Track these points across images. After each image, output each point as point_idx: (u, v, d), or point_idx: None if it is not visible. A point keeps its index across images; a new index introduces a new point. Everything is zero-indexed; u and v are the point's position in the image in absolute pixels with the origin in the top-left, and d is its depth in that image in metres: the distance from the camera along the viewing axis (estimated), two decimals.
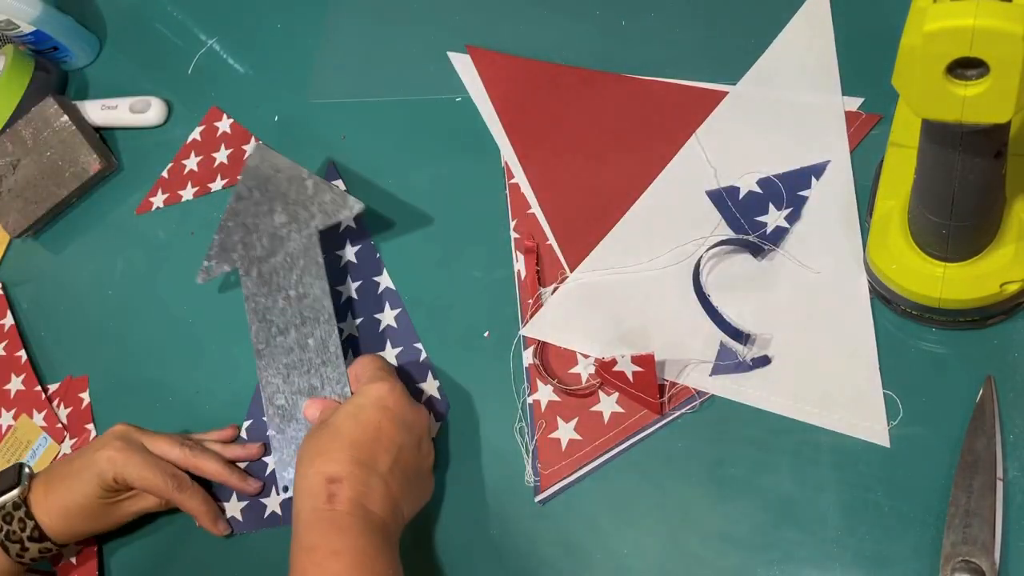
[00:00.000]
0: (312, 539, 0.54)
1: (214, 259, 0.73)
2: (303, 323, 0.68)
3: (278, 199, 0.71)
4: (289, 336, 0.69)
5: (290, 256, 0.70)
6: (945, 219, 0.49)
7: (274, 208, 0.71)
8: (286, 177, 0.72)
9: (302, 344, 0.68)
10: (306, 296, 0.69)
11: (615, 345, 0.63)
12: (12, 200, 0.86)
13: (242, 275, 0.72)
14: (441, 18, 0.81)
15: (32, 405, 0.79)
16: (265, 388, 0.69)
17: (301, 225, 0.70)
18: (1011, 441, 0.53)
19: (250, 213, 0.72)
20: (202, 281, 0.74)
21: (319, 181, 0.71)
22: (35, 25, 0.90)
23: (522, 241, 0.69)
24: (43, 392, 0.80)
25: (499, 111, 0.74)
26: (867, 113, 0.64)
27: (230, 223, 0.73)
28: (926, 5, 0.38)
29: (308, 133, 0.81)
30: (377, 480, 0.56)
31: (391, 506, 0.57)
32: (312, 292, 0.68)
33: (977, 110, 0.40)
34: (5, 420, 0.80)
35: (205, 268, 0.73)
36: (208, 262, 0.73)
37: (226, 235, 0.73)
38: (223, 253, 0.73)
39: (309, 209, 0.70)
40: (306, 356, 0.68)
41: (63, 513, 0.65)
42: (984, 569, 0.49)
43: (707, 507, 0.57)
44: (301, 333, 0.68)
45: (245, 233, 0.72)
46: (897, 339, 0.57)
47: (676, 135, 0.68)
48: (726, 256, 0.63)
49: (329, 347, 0.67)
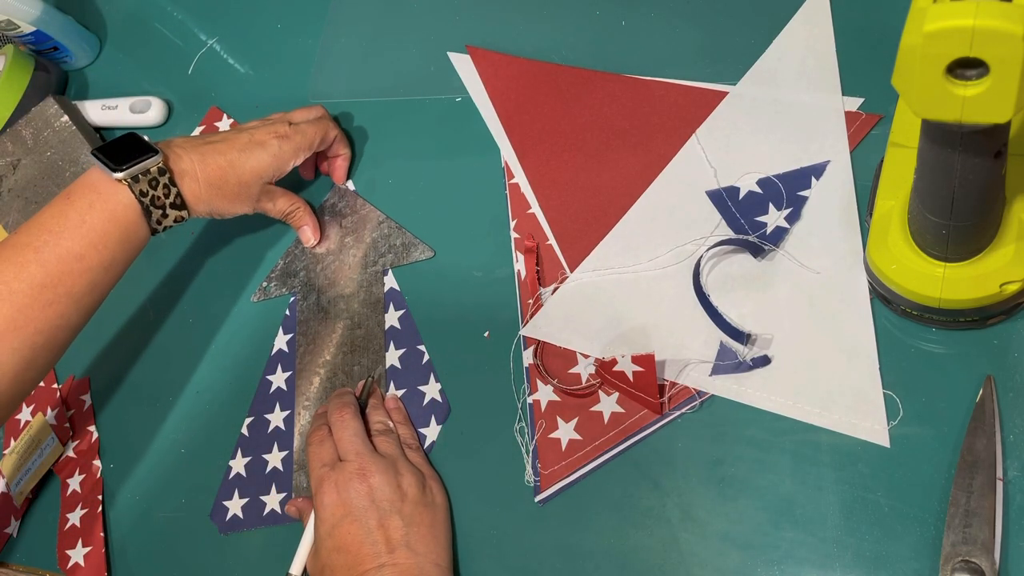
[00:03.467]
0: None
1: (274, 282, 0.76)
2: (352, 351, 0.71)
3: (351, 236, 0.75)
4: (336, 360, 0.71)
5: (351, 288, 0.73)
6: (945, 219, 0.49)
7: (345, 244, 0.74)
8: (362, 217, 0.75)
9: (347, 371, 0.70)
10: (359, 327, 0.71)
11: (615, 345, 0.63)
12: (12, 200, 0.86)
13: (299, 300, 0.74)
14: (441, 18, 0.81)
15: (48, 403, 0.80)
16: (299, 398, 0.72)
17: (369, 263, 0.73)
18: (1011, 441, 0.53)
19: (321, 246, 0.76)
20: (256, 300, 0.76)
21: (393, 225, 0.74)
22: (35, 25, 0.90)
23: (522, 241, 0.69)
24: (58, 391, 0.80)
25: (499, 111, 0.74)
26: (867, 113, 0.64)
27: (297, 250, 0.76)
28: (926, 5, 0.38)
29: None
30: (383, 572, 0.57)
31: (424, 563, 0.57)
32: (366, 324, 0.71)
33: (977, 110, 0.40)
34: (23, 415, 0.80)
35: (263, 288, 0.77)
36: (267, 283, 0.77)
37: (291, 261, 0.76)
38: (284, 278, 0.76)
39: (379, 249, 0.73)
40: (350, 383, 0.70)
41: (218, 183, 0.68)
42: (984, 569, 0.49)
43: (707, 507, 0.57)
44: (347, 361, 0.71)
45: (311, 262, 0.76)
46: (897, 339, 0.57)
47: (676, 135, 0.68)
48: (726, 256, 0.63)
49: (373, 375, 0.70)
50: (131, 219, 0.65)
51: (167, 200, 0.66)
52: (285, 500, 0.68)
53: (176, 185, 0.66)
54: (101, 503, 0.74)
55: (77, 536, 0.73)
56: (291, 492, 0.68)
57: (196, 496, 0.72)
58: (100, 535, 0.72)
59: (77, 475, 0.76)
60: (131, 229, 0.65)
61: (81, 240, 0.63)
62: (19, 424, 0.80)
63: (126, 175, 0.64)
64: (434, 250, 0.72)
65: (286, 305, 0.75)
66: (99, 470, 0.75)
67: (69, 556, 0.72)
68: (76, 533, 0.73)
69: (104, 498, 0.74)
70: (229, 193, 0.69)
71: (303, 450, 0.69)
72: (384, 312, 0.71)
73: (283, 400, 0.72)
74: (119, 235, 0.64)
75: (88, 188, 0.64)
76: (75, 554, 0.72)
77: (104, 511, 0.74)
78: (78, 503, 0.74)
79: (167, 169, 0.66)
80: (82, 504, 0.74)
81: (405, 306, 0.71)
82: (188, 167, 0.67)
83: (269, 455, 0.70)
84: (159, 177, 0.65)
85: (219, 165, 0.68)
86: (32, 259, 0.61)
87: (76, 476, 0.76)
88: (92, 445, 0.76)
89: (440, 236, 0.72)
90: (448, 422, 0.66)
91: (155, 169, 0.65)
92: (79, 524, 0.73)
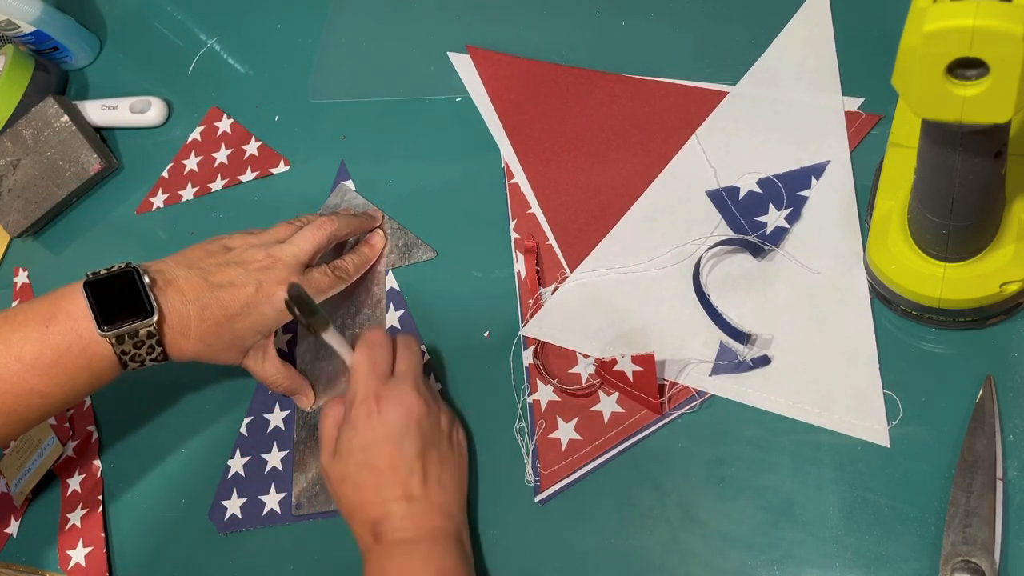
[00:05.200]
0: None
1: None
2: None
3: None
4: (335, 360, 0.70)
5: (353, 289, 0.72)
6: (945, 219, 0.49)
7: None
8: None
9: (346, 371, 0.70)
10: (360, 327, 0.71)
11: (615, 345, 0.63)
12: (12, 200, 0.86)
13: None
14: (441, 18, 0.81)
15: None
16: None
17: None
18: (1011, 441, 0.53)
19: None
20: None
21: (396, 225, 0.73)
22: (35, 25, 0.89)
23: (522, 241, 0.69)
24: None
25: (499, 111, 0.74)
26: (867, 113, 0.64)
27: None
28: (926, 5, 0.38)
29: (308, 133, 0.81)
30: (413, 505, 0.57)
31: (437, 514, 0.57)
32: (367, 324, 0.71)
33: (977, 110, 0.40)
34: None
35: None
36: None
37: None
38: None
39: None
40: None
41: (210, 340, 0.62)
42: (984, 569, 0.49)
43: (707, 507, 0.57)
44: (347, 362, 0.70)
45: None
46: (897, 339, 0.57)
47: (676, 135, 0.68)
48: (726, 256, 0.63)
49: None
50: (105, 368, 0.61)
51: (148, 357, 0.61)
52: (284, 500, 0.68)
53: (162, 345, 0.61)
54: (101, 503, 0.74)
55: (78, 536, 0.73)
56: (290, 492, 0.68)
57: (196, 496, 0.72)
58: (101, 535, 0.72)
59: (77, 475, 0.76)
60: (103, 376, 0.61)
61: (49, 381, 0.59)
62: None
63: (112, 335, 0.59)
64: (436, 251, 0.72)
65: None
66: (99, 470, 0.75)
67: (70, 556, 0.72)
68: (77, 533, 0.73)
69: (104, 498, 0.74)
70: (218, 348, 0.63)
71: (303, 443, 0.69)
72: (385, 312, 0.71)
73: (283, 400, 0.72)
74: (88, 378, 0.60)
75: (70, 325, 0.59)
76: (76, 554, 0.72)
77: (104, 511, 0.74)
78: (78, 503, 0.74)
79: (157, 332, 0.60)
80: (82, 504, 0.74)
81: (405, 306, 0.71)
82: (182, 323, 0.61)
83: (268, 455, 0.70)
84: (146, 340, 0.60)
85: (217, 321, 0.62)
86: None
87: (76, 476, 0.76)
88: (92, 445, 0.76)
89: (440, 236, 0.72)
90: None
91: (144, 332, 0.60)
92: (79, 524, 0.73)
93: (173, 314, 0.61)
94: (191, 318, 0.61)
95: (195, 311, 0.61)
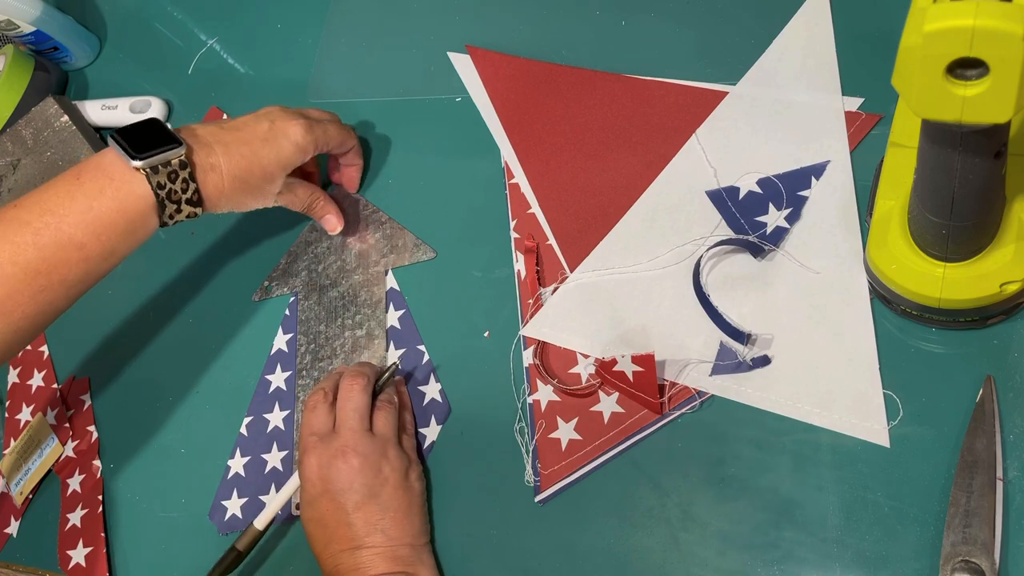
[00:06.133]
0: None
1: (275, 281, 0.76)
2: (353, 351, 0.71)
3: (352, 236, 0.75)
4: (335, 361, 0.71)
5: (353, 289, 0.72)
6: (945, 219, 0.49)
7: (347, 244, 0.74)
8: (364, 218, 0.75)
9: None
10: (360, 327, 0.71)
11: (615, 345, 0.63)
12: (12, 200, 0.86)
13: (301, 299, 0.74)
14: (441, 18, 0.81)
15: (47, 403, 0.80)
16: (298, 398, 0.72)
17: (371, 263, 0.73)
18: (1011, 441, 0.53)
19: (323, 245, 0.75)
20: (257, 299, 0.76)
21: (396, 225, 0.74)
22: (35, 25, 0.90)
23: (522, 241, 0.69)
24: (58, 391, 0.80)
25: (499, 111, 0.74)
26: (867, 113, 0.64)
27: (298, 250, 0.76)
28: (926, 5, 0.38)
29: None
30: (359, 554, 0.58)
31: (384, 560, 0.58)
32: (367, 324, 0.71)
33: (977, 110, 0.40)
34: (23, 415, 0.80)
35: (264, 288, 0.76)
36: (268, 283, 0.76)
37: (292, 261, 0.76)
38: (285, 277, 0.76)
39: (381, 249, 0.73)
40: None
41: (244, 177, 0.64)
42: (984, 569, 0.49)
43: (707, 507, 0.57)
44: (349, 360, 0.71)
45: (312, 262, 0.75)
46: (897, 339, 0.57)
47: (676, 135, 0.68)
48: (726, 256, 0.63)
49: None
50: (141, 211, 0.61)
51: (184, 195, 0.62)
52: None
53: (196, 181, 0.62)
54: (101, 503, 0.74)
55: (78, 536, 0.73)
56: None
57: (196, 496, 0.72)
58: (101, 535, 0.72)
59: (77, 475, 0.76)
60: (139, 221, 0.61)
61: (85, 228, 0.59)
62: (19, 424, 0.80)
63: (145, 164, 0.60)
64: (436, 251, 0.72)
65: (286, 305, 0.75)
66: (99, 470, 0.75)
67: (70, 556, 0.72)
68: (77, 533, 0.73)
69: (104, 498, 0.74)
70: (253, 187, 0.65)
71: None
72: (385, 312, 0.71)
73: (282, 400, 0.72)
74: (125, 226, 0.61)
75: (100, 171, 0.61)
76: (76, 554, 0.72)
77: (104, 511, 0.74)
78: (78, 503, 0.74)
79: (189, 163, 0.62)
80: (82, 504, 0.74)
81: (405, 306, 0.71)
82: (213, 160, 0.63)
83: (268, 455, 0.70)
84: (180, 171, 0.61)
85: (244, 156, 0.64)
86: (30, 242, 0.59)
87: (76, 476, 0.76)
88: (92, 445, 0.76)
89: (440, 236, 0.72)
90: (448, 422, 0.66)
91: (176, 162, 0.61)
92: (79, 524, 0.73)
93: (201, 150, 0.63)
94: (220, 155, 0.64)
95: (222, 151, 0.64)
